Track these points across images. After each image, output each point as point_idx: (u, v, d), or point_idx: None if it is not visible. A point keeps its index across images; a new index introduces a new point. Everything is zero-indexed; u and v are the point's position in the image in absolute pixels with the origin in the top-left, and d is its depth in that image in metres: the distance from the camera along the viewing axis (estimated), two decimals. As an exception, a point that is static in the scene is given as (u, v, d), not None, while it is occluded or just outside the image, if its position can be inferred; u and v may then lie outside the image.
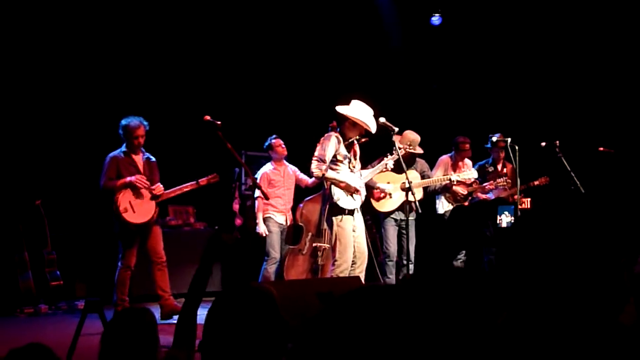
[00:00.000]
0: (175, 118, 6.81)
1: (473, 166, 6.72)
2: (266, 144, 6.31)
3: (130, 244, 5.15)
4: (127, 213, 5.06)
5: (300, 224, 6.27)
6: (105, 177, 5.11)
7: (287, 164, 6.42)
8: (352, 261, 5.09)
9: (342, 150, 5.09)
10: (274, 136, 6.30)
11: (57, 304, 5.76)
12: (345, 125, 5.08)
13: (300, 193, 6.57)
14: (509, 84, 7.79)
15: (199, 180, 5.28)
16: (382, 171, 5.41)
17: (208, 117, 4.54)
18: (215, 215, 6.99)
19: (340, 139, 5.09)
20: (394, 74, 8.18)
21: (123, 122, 5.12)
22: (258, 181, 6.20)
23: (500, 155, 6.41)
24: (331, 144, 5.05)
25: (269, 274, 6.13)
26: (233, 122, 6.17)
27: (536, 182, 6.46)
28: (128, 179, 5.07)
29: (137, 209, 5.11)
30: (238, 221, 6.77)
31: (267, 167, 6.29)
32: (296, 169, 6.49)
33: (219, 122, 4.49)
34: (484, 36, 7.77)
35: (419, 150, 5.82)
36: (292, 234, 6.11)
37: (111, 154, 5.18)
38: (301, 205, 6.31)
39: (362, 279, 5.17)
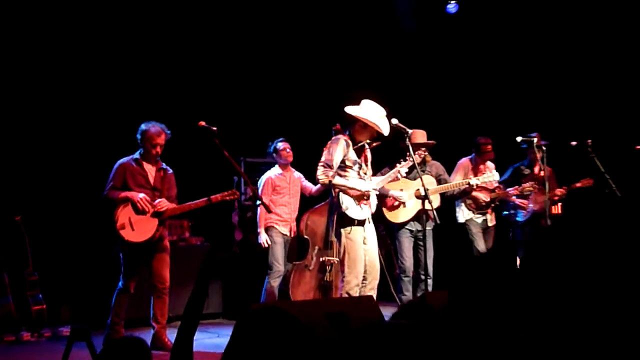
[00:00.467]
0: (168, 124, 6.83)
1: (508, 168, 6.73)
2: (271, 147, 6.34)
3: (130, 264, 5.06)
4: (124, 230, 4.96)
5: (306, 236, 6.31)
6: (110, 185, 5.02)
7: (293, 169, 6.45)
8: (363, 277, 5.07)
9: (352, 155, 5.08)
10: (280, 139, 6.33)
11: (40, 330, 5.78)
12: (354, 128, 5.07)
13: (304, 203, 6.60)
14: (534, 75, 7.77)
15: (211, 197, 5.17)
16: (393, 179, 5.38)
17: (203, 123, 4.56)
18: (213, 229, 7.02)
19: (350, 142, 5.07)
20: (407, 66, 8.19)
21: (143, 126, 5.07)
22: (261, 187, 6.24)
23: (537, 156, 6.24)
24: (339, 148, 5.03)
25: (272, 289, 6.14)
26: (230, 127, 6.22)
27: (578, 184, 6.43)
28: (130, 194, 4.98)
29: (137, 226, 5.00)
30: (238, 235, 6.80)
31: (273, 172, 6.32)
32: (301, 175, 6.52)
33: (214, 128, 4.50)
34: (505, 23, 7.74)
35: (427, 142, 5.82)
36: (297, 248, 6.13)
37: (121, 161, 5.11)
38: (306, 215, 6.35)
39: (374, 297, 5.18)
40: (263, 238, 6.16)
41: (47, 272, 5.97)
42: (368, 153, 5.27)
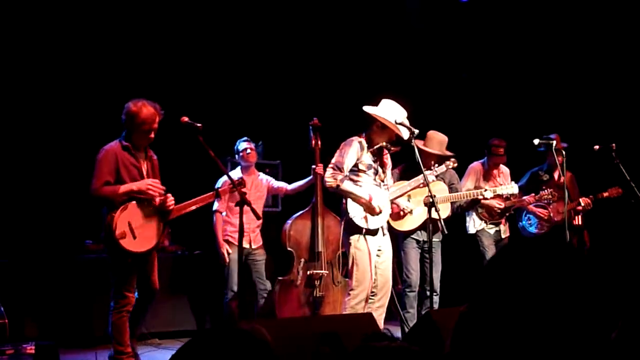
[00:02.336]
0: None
1: (525, 174, 6.75)
2: (235, 148, 6.37)
3: (126, 278, 4.64)
4: (125, 239, 4.49)
5: (289, 249, 6.31)
6: (99, 179, 4.52)
7: (258, 173, 6.47)
8: (372, 292, 5.08)
9: (366, 158, 5.10)
10: (243, 138, 6.35)
11: (1, 347, 5.78)
12: (372, 129, 5.10)
13: (286, 210, 6.62)
14: (554, 72, 7.81)
15: (219, 190, 5.15)
16: (415, 188, 5.34)
17: (186, 119, 4.55)
18: (194, 236, 7.03)
19: (365, 145, 5.10)
20: (415, 62, 8.23)
21: (133, 105, 4.61)
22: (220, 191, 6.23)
23: (557, 160, 6.05)
24: (352, 151, 5.05)
25: (231, 309, 6.14)
26: (217, 124, 6.26)
27: (605, 194, 6.45)
28: (136, 186, 4.54)
29: (139, 233, 4.56)
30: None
31: (232, 176, 6.23)
32: (270, 178, 6.54)
33: (199, 125, 4.50)
34: (522, 14, 7.79)
35: (448, 153, 5.81)
36: (280, 262, 6.13)
37: (109, 147, 4.62)
38: (287, 225, 6.33)
39: (382, 317, 5.16)
40: (224, 251, 6.14)
41: (10, 283, 5.97)
42: (388, 159, 5.27)
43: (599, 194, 6.47)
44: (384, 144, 5.15)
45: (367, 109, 5.10)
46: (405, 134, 5.04)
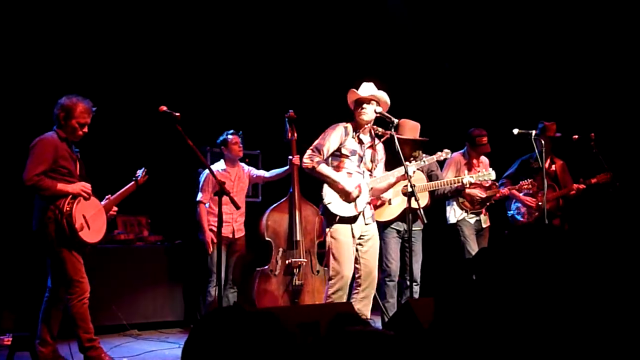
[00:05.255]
0: (124, 107, 6.85)
1: (515, 161, 6.81)
2: (220, 138, 6.39)
3: (80, 268, 4.71)
4: (83, 231, 4.63)
5: (267, 238, 6.36)
6: (36, 167, 4.52)
7: (241, 164, 6.52)
8: (357, 283, 5.03)
9: (350, 143, 5.02)
10: (231, 131, 6.38)
11: (-23, 338, 5.77)
12: (357, 111, 5.04)
13: (267, 201, 6.65)
14: (535, 61, 7.87)
15: (138, 179, 5.21)
16: (398, 180, 5.22)
17: (164, 108, 4.55)
18: (174, 225, 7.04)
19: (350, 131, 5.03)
20: (396, 50, 8.26)
21: (67, 100, 4.70)
22: (201, 183, 6.28)
23: (544, 148, 6.04)
24: (334, 134, 4.98)
25: (214, 299, 6.15)
26: (195, 114, 6.25)
27: (594, 180, 6.51)
28: (71, 187, 4.62)
29: (92, 224, 4.74)
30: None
31: (216, 167, 6.29)
32: (250, 167, 6.59)
33: (177, 114, 4.51)
34: (505, 3, 7.84)
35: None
36: (259, 252, 6.17)
37: (44, 137, 4.65)
38: (265, 215, 6.39)
39: (368, 307, 5.11)
40: (209, 239, 6.18)
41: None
42: (379, 148, 5.22)
43: (588, 180, 6.54)
44: (374, 128, 5.12)
45: (349, 95, 5.07)
46: (365, 91, 5.00)
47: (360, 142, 5.08)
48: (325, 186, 5.00)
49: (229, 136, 6.34)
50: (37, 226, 4.65)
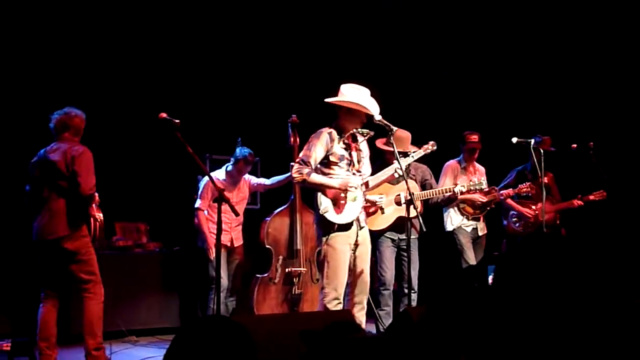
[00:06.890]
0: (124, 115, 6.88)
1: (511, 171, 6.86)
2: (236, 153, 6.29)
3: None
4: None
5: (268, 246, 6.36)
6: (93, 178, 4.93)
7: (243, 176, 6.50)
8: (350, 289, 4.98)
9: (338, 149, 4.90)
10: (248, 149, 6.29)
11: (-24, 344, 5.77)
12: (340, 117, 4.92)
13: (266, 208, 6.66)
14: (535, 70, 7.90)
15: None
16: (388, 179, 5.20)
17: (164, 115, 4.58)
18: (173, 232, 7.05)
19: (335, 136, 4.89)
20: (393, 58, 8.29)
21: (78, 111, 5.04)
22: (201, 190, 6.26)
23: (536, 160, 6.15)
24: (319, 144, 4.85)
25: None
26: (195, 121, 6.27)
27: (591, 197, 6.54)
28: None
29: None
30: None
31: (217, 175, 6.23)
32: (250, 176, 6.57)
33: (177, 121, 4.53)
34: (504, 11, 7.85)
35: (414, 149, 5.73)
36: (259, 259, 6.16)
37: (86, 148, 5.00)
38: (266, 221, 6.39)
39: (362, 314, 5.07)
40: (212, 244, 6.14)
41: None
42: (363, 147, 5.08)
43: (585, 197, 6.57)
44: (357, 130, 4.99)
45: (328, 100, 4.93)
46: (374, 110, 4.85)
47: (347, 145, 4.99)
48: (320, 195, 4.89)
49: (246, 154, 6.25)
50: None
